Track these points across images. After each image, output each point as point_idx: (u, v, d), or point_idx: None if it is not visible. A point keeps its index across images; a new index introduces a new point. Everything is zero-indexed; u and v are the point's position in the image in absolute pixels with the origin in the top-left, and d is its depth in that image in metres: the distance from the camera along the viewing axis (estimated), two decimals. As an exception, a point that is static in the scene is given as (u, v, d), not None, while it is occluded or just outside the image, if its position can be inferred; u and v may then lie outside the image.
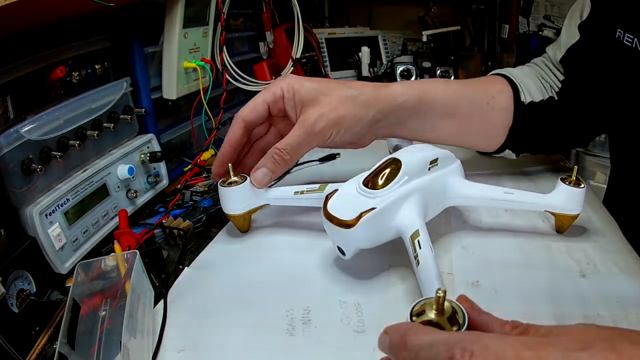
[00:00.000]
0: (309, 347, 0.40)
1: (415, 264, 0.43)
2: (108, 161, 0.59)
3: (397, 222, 0.46)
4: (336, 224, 0.44)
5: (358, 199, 0.46)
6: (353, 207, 0.45)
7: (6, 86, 0.47)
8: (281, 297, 0.46)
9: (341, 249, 0.47)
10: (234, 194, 0.53)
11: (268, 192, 0.55)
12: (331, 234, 0.47)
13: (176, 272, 0.51)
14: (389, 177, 0.47)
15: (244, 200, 0.54)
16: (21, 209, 0.48)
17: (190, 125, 0.80)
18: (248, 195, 0.54)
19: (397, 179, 0.47)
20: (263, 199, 0.55)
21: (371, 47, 1.26)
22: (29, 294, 0.46)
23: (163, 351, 0.40)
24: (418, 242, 0.44)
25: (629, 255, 0.52)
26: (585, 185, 0.52)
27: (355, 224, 0.43)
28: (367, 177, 0.48)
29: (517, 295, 0.45)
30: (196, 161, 0.74)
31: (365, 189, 0.46)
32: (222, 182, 0.54)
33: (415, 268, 0.43)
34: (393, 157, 0.49)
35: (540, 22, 1.41)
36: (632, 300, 0.44)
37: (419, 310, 0.29)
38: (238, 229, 0.58)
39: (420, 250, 0.43)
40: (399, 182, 0.47)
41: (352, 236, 0.45)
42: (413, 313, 0.29)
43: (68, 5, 0.50)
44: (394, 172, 0.47)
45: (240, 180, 0.54)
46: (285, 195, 0.55)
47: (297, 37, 1.04)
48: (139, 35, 0.66)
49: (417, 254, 0.43)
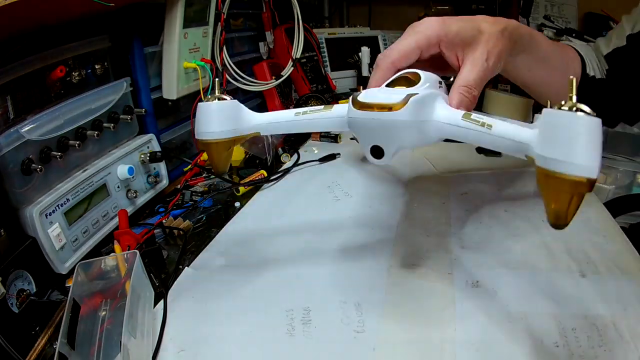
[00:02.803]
0: (309, 347, 0.40)
1: (487, 129, 0.36)
2: (108, 161, 0.59)
3: (437, 115, 0.40)
4: (378, 109, 0.37)
5: (391, 92, 0.40)
6: (390, 96, 0.38)
7: (6, 86, 0.47)
8: (281, 298, 0.46)
9: (379, 148, 0.40)
10: (216, 111, 0.43)
11: (258, 116, 0.45)
12: (367, 130, 0.40)
13: (176, 272, 0.51)
14: (413, 81, 0.42)
15: (228, 122, 0.43)
16: (21, 209, 0.48)
17: (190, 125, 0.80)
18: (234, 116, 0.44)
19: (421, 82, 0.42)
20: (253, 125, 0.45)
21: (371, 47, 1.26)
22: (29, 294, 0.46)
23: (163, 351, 0.40)
24: (476, 117, 0.38)
25: (629, 255, 0.52)
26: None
27: (404, 106, 0.37)
28: (388, 83, 0.43)
29: (517, 295, 0.45)
30: (196, 161, 0.74)
31: (393, 88, 0.41)
32: (203, 99, 0.44)
33: (487, 134, 0.36)
34: (409, 71, 0.45)
35: (540, 22, 1.41)
36: (632, 300, 0.44)
37: None
38: (214, 165, 0.45)
39: (483, 117, 0.37)
40: (422, 84, 0.42)
41: (398, 124, 0.38)
42: None
43: (68, 5, 0.50)
44: (415, 78, 0.43)
45: (226, 97, 0.44)
46: (283, 117, 0.46)
47: (297, 37, 1.04)
48: (139, 35, 0.66)
49: (482, 122, 0.37)
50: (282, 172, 0.78)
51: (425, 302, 0.45)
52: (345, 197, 0.69)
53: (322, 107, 0.45)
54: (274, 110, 1.13)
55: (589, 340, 0.39)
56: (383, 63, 0.48)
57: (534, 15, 1.40)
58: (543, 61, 0.59)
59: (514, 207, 0.64)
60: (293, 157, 0.85)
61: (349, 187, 0.72)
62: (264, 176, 0.75)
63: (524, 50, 0.54)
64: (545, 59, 0.59)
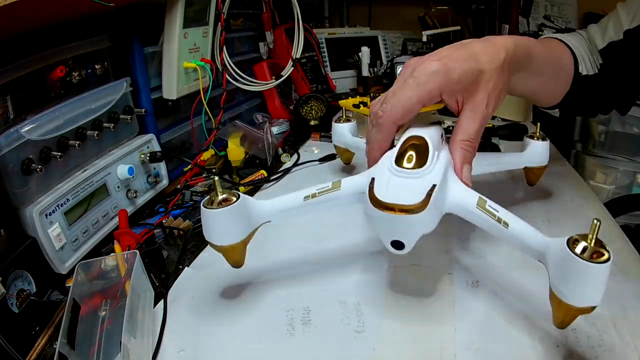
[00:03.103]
0: (309, 347, 0.40)
1: (503, 226, 0.39)
2: (108, 161, 0.59)
3: (451, 197, 0.42)
4: (399, 212, 0.38)
5: (406, 182, 0.40)
6: (409, 190, 0.39)
7: (6, 86, 0.47)
8: (281, 297, 0.46)
9: (399, 242, 0.40)
10: (224, 219, 0.40)
11: (268, 206, 0.44)
12: (388, 228, 0.40)
13: (176, 272, 0.51)
14: (422, 154, 0.42)
15: (238, 225, 0.42)
16: (21, 209, 0.48)
17: (190, 125, 0.80)
18: (243, 216, 0.42)
19: (430, 154, 0.42)
20: (264, 216, 0.44)
21: (371, 47, 1.26)
22: (29, 294, 0.46)
23: (163, 351, 0.40)
24: (491, 207, 0.40)
25: (629, 255, 0.52)
26: (548, 139, 0.59)
27: (425, 207, 0.38)
28: (396, 159, 0.42)
29: (517, 295, 0.45)
30: (196, 161, 0.74)
31: (406, 170, 0.40)
32: (205, 202, 0.41)
33: (502, 232, 0.39)
34: (413, 135, 0.44)
35: (540, 22, 1.41)
36: (632, 300, 0.44)
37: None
38: (231, 263, 0.44)
39: (499, 213, 0.39)
40: (433, 157, 0.42)
41: (420, 222, 0.38)
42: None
43: (68, 5, 0.50)
44: (423, 149, 0.42)
45: (230, 197, 0.41)
46: (293, 203, 0.44)
47: (297, 37, 1.04)
48: (139, 35, 0.66)
49: (498, 217, 0.39)
50: (282, 172, 0.78)
51: (425, 302, 0.45)
52: (345, 197, 0.69)
53: (330, 186, 0.44)
54: (274, 111, 1.12)
55: (589, 340, 0.39)
56: (385, 123, 0.45)
57: (534, 15, 1.40)
58: (538, 74, 0.58)
59: (514, 207, 0.64)
60: (293, 157, 0.85)
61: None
62: (264, 176, 0.75)
63: (520, 69, 0.53)
64: (540, 71, 0.58)
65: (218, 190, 0.41)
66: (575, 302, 0.32)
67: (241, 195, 0.41)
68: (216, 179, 0.41)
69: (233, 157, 0.83)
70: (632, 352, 0.38)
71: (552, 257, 0.34)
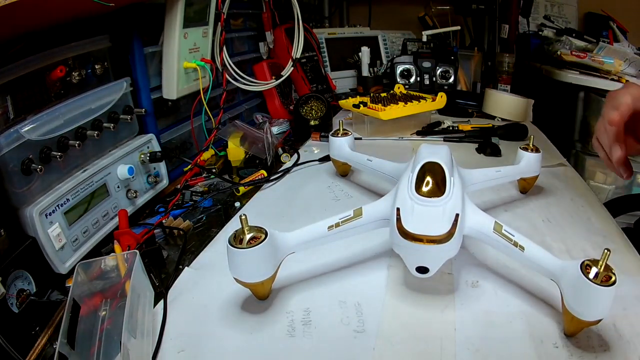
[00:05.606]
0: (309, 347, 0.40)
1: (519, 250, 0.42)
2: (108, 161, 0.59)
3: (469, 222, 0.45)
4: (428, 242, 0.41)
5: (430, 211, 0.42)
6: (434, 220, 0.42)
7: (6, 86, 0.47)
8: (281, 298, 0.46)
9: (425, 268, 0.43)
10: (255, 258, 0.41)
11: (294, 238, 0.45)
12: (415, 257, 0.43)
13: (176, 272, 0.51)
14: (439, 181, 0.45)
15: (267, 262, 0.42)
16: (21, 209, 0.48)
17: (190, 125, 0.80)
18: (271, 252, 0.42)
19: (448, 181, 0.45)
20: (290, 249, 0.45)
21: (371, 47, 1.26)
22: (29, 294, 0.46)
23: (163, 351, 0.40)
24: (507, 232, 0.43)
25: (629, 255, 0.52)
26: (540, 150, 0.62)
27: (452, 237, 0.41)
28: (414, 187, 0.45)
29: (517, 295, 0.45)
30: (196, 161, 0.74)
31: (427, 198, 0.43)
32: (233, 240, 0.41)
33: (518, 255, 0.42)
34: (428, 162, 0.47)
35: (540, 22, 1.41)
36: (632, 300, 0.44)
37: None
38: (257, 296, 0.45)
39: (515, 237, 0.42)
40: (451, 184, 0.45)
41: (447, 250, 0.42)
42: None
43: (68, 5, 0.50)
44: (439, 175, 0.46)
45: (258, 234, 0.41)
46: (317, 234, 0.45)
47: (297, 37, 1.04)
48: (139, 35, 0.66)
49: (514, 241, 0.42)
50: (282, 172, 0.78)
51: (425, 302, 0.45)
52: (345, 197, 0.69)
53: (352, 215, 0.46)
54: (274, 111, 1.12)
55: (589, 340, 0.39)
56: (608, 129, 0.48)
57: (534, 15, 1.40)
58: None
59: (514, 207, 0.64)
60: (293, 157, 0.85)
61: (348, 187, 0.72)
62: (264, 176, 0.75)
63: None
64: None
65: (245, 228, 0.41)
66: (587, 318, 0.37)
67: (268, 232, 0.41)
68: (244, 218, 0.41)
69: (233, 157, 0.83)
70: (632, 352, 0.38)
71: (566, 279, 0.38)
